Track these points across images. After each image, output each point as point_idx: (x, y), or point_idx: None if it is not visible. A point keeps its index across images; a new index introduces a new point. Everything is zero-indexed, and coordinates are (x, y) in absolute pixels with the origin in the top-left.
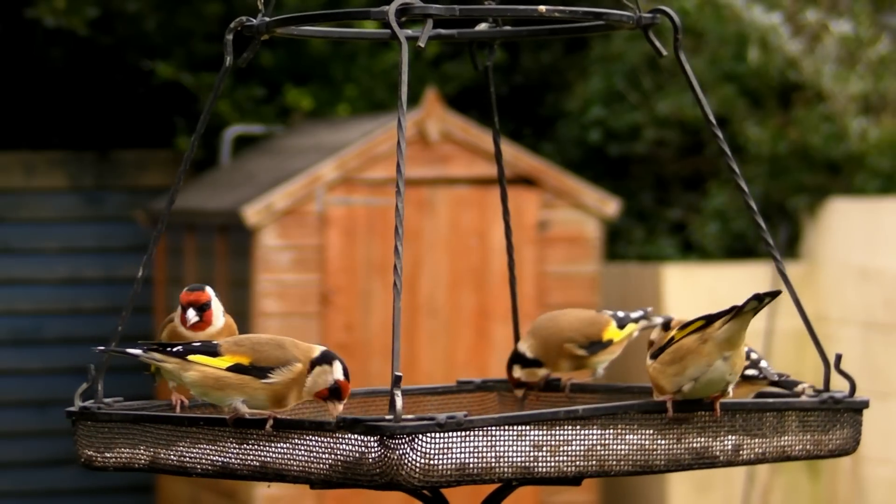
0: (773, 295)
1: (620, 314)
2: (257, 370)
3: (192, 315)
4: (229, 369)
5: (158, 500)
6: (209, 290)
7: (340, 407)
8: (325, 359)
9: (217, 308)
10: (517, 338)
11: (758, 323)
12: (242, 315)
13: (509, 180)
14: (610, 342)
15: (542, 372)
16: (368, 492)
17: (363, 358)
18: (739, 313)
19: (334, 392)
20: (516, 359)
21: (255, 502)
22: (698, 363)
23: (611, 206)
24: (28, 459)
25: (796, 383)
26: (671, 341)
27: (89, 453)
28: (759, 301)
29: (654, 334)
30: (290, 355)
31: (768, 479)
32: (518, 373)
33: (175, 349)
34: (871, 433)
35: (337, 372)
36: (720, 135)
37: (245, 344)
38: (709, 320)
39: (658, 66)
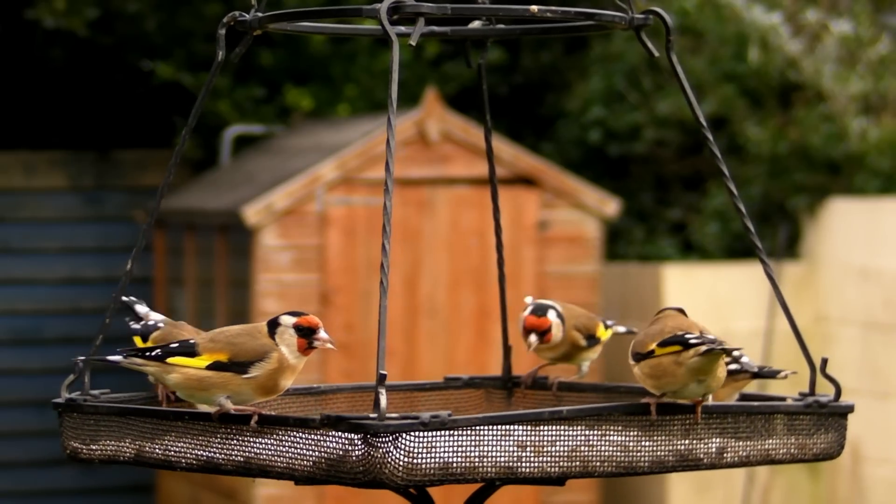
0: (739, 349)
1: (600, 318)
2: (237, 366)
3: (325, 335)
4: (209, 368)
5: (158, 500)
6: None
7: (325, 336)
8: (273, 324)
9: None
10: (506, 337)
11: (757, 323)
12: (242, 315)
13: (509, 180)
14: (599, 340)
15: (560, 334)
16: (368, 491)
17: (363, 358)
18: (707, 353)
19: (305, 332)
20: (551, 306)
21: (255, 502)
22: (673, 384)
23: (611, 206)
24: (28, 459)
25: (778, 372)
26: (651, 353)
27: (75, 445)
28: (727, 353)
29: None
30: (266, 343)
31: (768, 479)
32: (554, 317)
33: (154, 353)
34: (871, 433)
35: (289, 321)
36: (710, 136)
37: (220, 340)
38: (684, 346)
39: (658, 66)
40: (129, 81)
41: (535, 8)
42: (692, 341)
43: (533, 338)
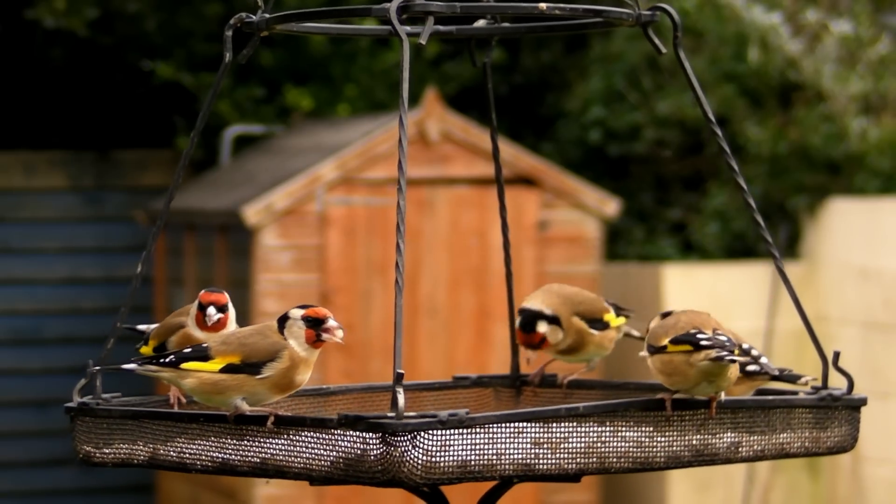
0: (746, 357)
1: (614, 305)
2: (250, 367)
3: (213, 312)
4: (222, 371)
5: (158, 499)
6: (226, 294)
7: (335, 325)
8: (283, 318)
9: (232, 313)
10: (514, 335)
11: (758, 323)
12: (243, 315)
13: (509, 180)
14: (607, 324)
15: (560, 335)
16: (368, 490)
17: (363, 358)
18: (714, 360)
19: (313, 323)
20: (539, 315)
21: (255, 502)
22: (685, 382)
23: (611, 206)
24: (28, 459)
25: (799, 376)
26: (664, 348)
27: (88, 449)
28: (733, 362)
29: (654, 322)
30: (277, 341)
31: (768, 479)
32: (544, 328)
33: (168, 359)
34: (871, 433)
35: (297, 314)
36: (719, 132)
37: (232, 342)
38: (695, 347)
39: (658, 65)
40: (129, 81)
41: (543, 5)
42: (703, 343)
43: (530, 353)
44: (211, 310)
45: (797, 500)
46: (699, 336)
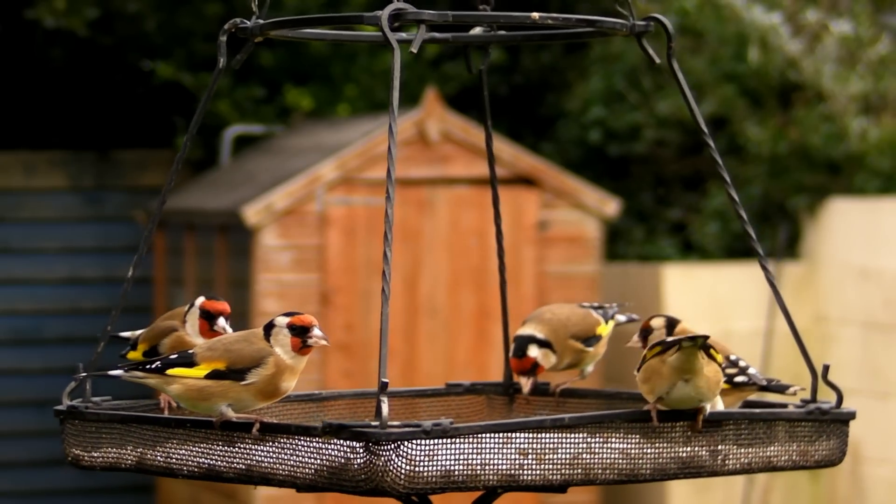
0: (706, 338)
1: (599, 308)
2: (234, 373)
3: (223, 323)
4: (207, 377)
5: (158, 500)
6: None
7: (319, 333)
8: (269, 326)
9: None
10: (507, 343)
11: (757, 323)
12: (243, 315)
13: (509, 180)
14: (600, 337)
15: (553, 358)
16: None
17: (363, 358)
18: (680, 348)
19: (298, 331)
20: (530, 339)
21: (254, 502)
22: (662, 384)
23: (611, 206)
24: (28, 459)
25: (787, 386)
26: (644, 359)
27: (76, 452)
28: (693, 342)
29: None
30: (262, 347)
31: (768, 480)
32: (535, 352)
33: (154, 365)
34: (871, 433)
35: (282, 322)
36: (712, 144)
37: (218, 348)
38: (664, 347)
39: (658, 66)
40: (129, 81)
41: (535, 15)
42: (669, 340)
43: (524, 380)
44: (221, 321)
45: (797, 501)
46: (668, 339)
